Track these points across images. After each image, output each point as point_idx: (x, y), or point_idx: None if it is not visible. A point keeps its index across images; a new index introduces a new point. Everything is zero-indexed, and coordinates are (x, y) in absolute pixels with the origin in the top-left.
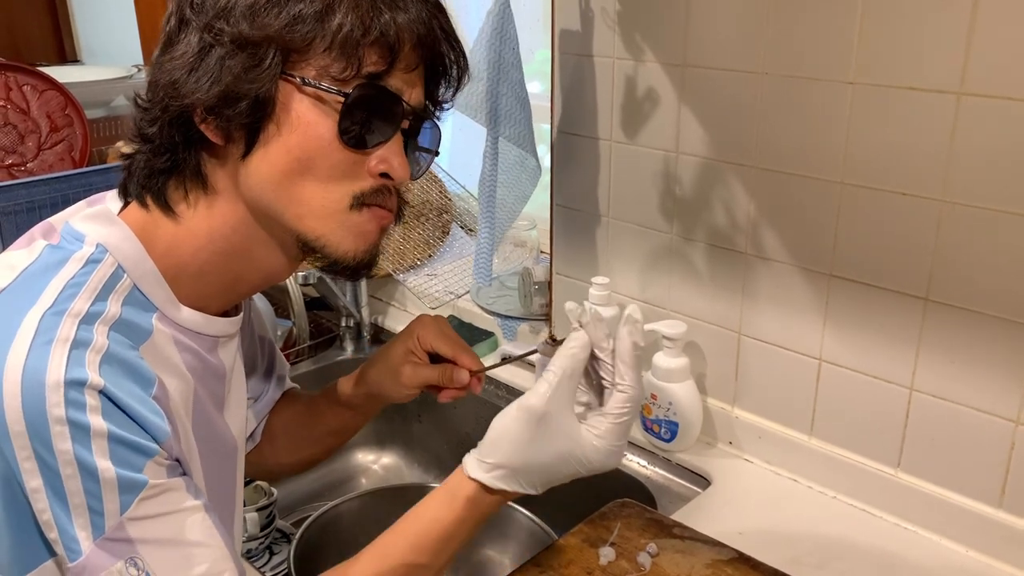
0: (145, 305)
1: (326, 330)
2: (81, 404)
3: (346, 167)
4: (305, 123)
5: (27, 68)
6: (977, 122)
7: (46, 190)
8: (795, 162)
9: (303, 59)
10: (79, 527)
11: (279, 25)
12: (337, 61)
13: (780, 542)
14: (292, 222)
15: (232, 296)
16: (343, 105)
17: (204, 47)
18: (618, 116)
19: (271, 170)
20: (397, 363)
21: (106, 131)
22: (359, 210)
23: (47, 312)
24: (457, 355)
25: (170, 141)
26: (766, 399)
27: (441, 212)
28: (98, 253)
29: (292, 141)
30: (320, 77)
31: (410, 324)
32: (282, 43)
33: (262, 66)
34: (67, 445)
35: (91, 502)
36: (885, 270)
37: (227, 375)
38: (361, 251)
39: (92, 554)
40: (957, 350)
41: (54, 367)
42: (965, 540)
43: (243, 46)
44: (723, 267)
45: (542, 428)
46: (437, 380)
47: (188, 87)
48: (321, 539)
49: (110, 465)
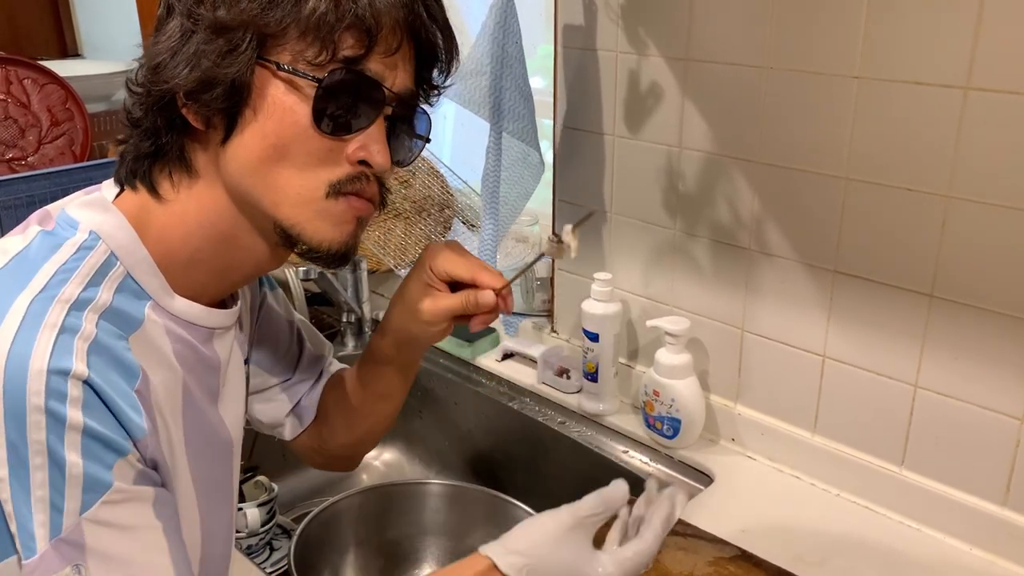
0: (138, 293)
1: (327, 325)
2: (62, 395)
3: (323, 154)
4: (281, 108)
5: (28, 62)
6: (984, 117)
7: (47, 184)
8: (799, 157)
9: (278, 44)
10: (38, 524)
11: (255, 10)
12: (312, 46)
13: (783, 539)
14: (269, 209)
15: (224, 286)
16: (317, 90)
17: (185, 32)
18: (621, 111)
19: (248, 156)
20: (415, 300)
21: (107, 125)
22: (335, 198)
23: (37, 297)
24: (476, 276)
25: (155, 125)
26: (769, 396)
27: (443, 207)
28: (91, 240)
29: (268, 127)
30: (295, 62)
31: (421, 255)
32: (257, 28)
33: (237, 51)
34: (41, 435)
35: (54, 497)
36: (890, 266)
37: (222, 367)
38: (338, 241)
39: (46, 554)
40: (962, 347)
41: (39, 354)
42: (969, 538)
43: (220, 31)
44: (726, 263)
45: (569, 536)
46: (461, 308)
47: (169, 72)
48: (321, 535)
49: (79, 460)
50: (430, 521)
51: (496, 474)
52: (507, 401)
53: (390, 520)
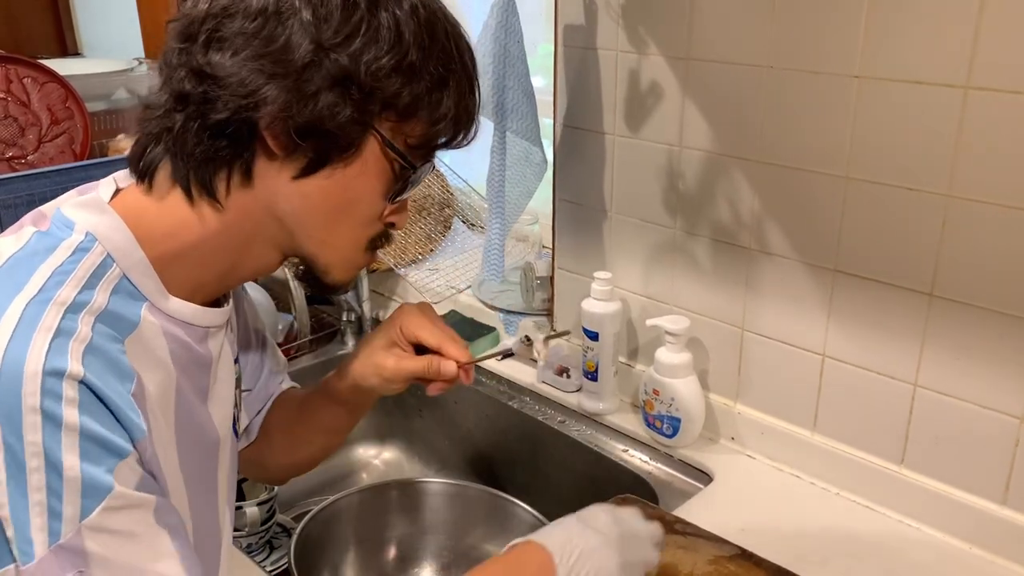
0: (134, 295)
1: (327, 324)
2: (58, 395)
3: (377, 215)
4: (372, 174)
5: (28, 60)
6: (984, 116)
7: (47, 183)
8: (799, 156)
9: (396, 121)
10: (36, 528)
11: (394, 89)
12: (424, 135)
13: (783, 538)
14: (311, 245)
15: (222, 287)
16: (407, 173)
17: (309, 64)
18: (621, 110)
19: (322, 200)
20: (380, 356)
21: (107, 124)
22: (369, 251)
23: (32, 300)
24: (443, 345)
25: (233, 131)
26: (769, 395)
27: (443, 207)
28: (87, 242)
29: (353, 184)
30: (398, 139)
31: (393, 313)
32: (387, 100)
33: (359, 111)
34: (37, 436)
35: (52, 501)
36: (890, 265)
37: (212, 364)
38: (345, 280)
39: (45, 559)
40: (962, 346)
41: (34, 356)
42: (968, 537)
43: (349, 84)
44: (726, 262)
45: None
46: (423, 372)
47: (272, 94)
48: (322, 534)
49: (77, 462)
50: (430, 520)
51: (496, 473)
52: (507, 400)
53: (390, 519)
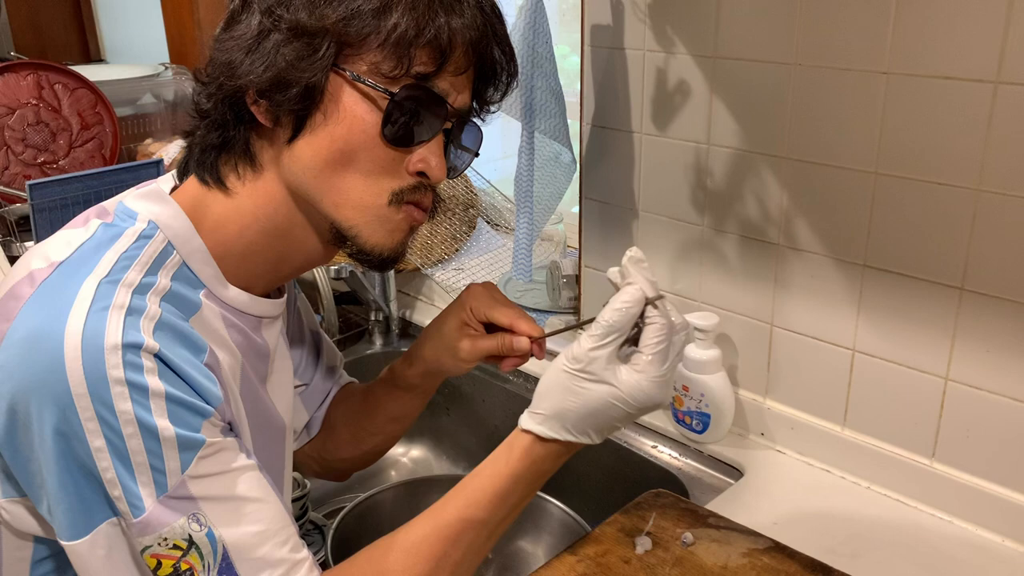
0: (193, 282)
1: (355, 324)
2: (139, 366)
3: (386, 163)
4: (351, 116)
5: (58, 67)
6: (1014, 110)
7: (79, 187)
8: (828, 153)
9: (356, 53)
10: (142, 484)
11: (336, 18)
12: (388, 59)
13: (814, 532)
14: (329, 209)
15: (275, 278)
16: (389, 103)
17: (263, 31)
18: (649, 109)
19: (314, 157)
20: (453, 338)
21: (134, 129)
22: (397, 207)
23: (103, 280)
24: (514, 323)
25: (223, 118)
26: (798, 390)
27: (467, 207)
28: (149, 229)
29: (337, 132)
30: (370, 73)
31: (460, 295)
32: (337, 36)
33: (315, 56)
34: (127, 405)
35: (152, 461)
36: (920, 260)
37: (270, 355)
38: (389, 247)
39: (155, 510)
40: (993, 339)
41: (112, 331)
42: (1001, 529)
43: (299, 34)
44: (755, 258)
45: (586, 376)
46: (497, 350)
47: (243, 68)
48: (357, 529)
49: (169, 424)
50: None
51: None
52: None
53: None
